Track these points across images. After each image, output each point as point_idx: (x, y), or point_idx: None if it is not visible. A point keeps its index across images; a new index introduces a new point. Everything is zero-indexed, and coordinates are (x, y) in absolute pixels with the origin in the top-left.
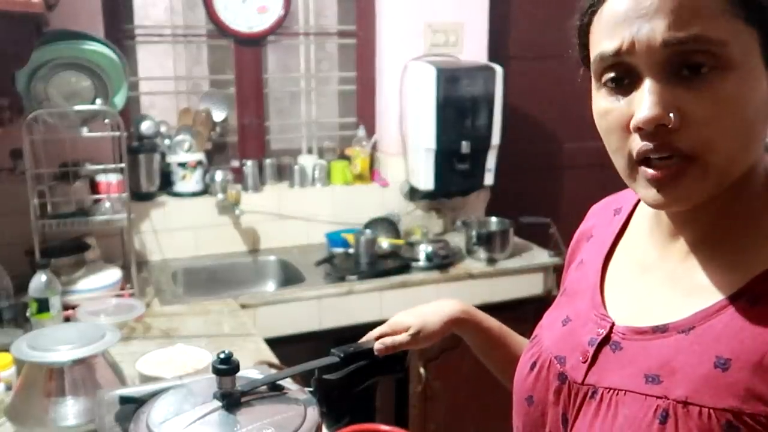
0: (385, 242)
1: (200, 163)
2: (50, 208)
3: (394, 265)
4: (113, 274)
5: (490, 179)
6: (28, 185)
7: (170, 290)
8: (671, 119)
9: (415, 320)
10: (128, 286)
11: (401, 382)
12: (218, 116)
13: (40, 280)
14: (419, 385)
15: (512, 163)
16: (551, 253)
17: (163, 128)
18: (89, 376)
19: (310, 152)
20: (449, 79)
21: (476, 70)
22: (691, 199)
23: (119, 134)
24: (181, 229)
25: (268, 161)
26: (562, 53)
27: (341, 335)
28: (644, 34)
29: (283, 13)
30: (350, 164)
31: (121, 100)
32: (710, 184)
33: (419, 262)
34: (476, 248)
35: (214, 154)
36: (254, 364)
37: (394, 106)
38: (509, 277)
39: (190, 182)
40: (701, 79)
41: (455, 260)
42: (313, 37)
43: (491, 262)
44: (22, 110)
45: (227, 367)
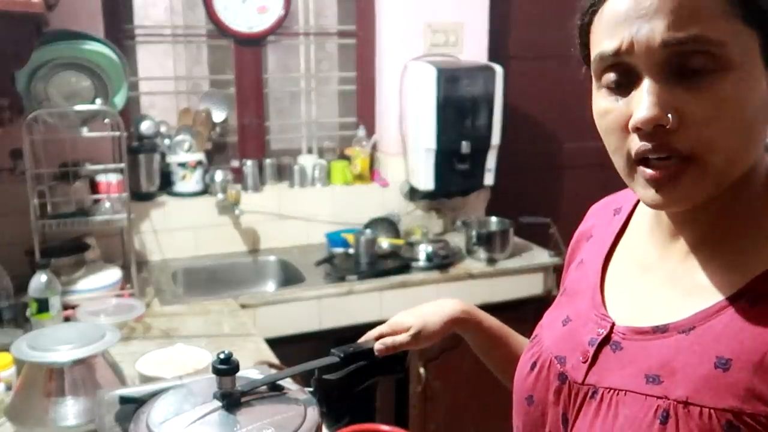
0: (385, 242)
1: (200, 163)
2: (50, 208)
3: (394, 265)
4: (113, 274)
5: (490, 179)
6: (28, 185)
7: (170, 290)
8: (669, 120)
9: (415, 320)
10: (128, 286)
11: (401, 382)
12: (218, 116)
13: (40, 280)
14: (419, 385)
15: (512, 163)
16: (551, 253)
17: (163, 128)
18: (89, 376)
19: (310, 152)
20: (449, 79)
21: (476, 70)
22: (690, 199)
23: (119, 134)
24: (181, 229)
25: (268, 161)
26: (562, 53)
27: (341, 335)
28: (644, 34)
29: (283, 13)
30: (350, 164)
31: (121, 100)
32: (709, 184)
33: (419, 262)
34: (476, 248)
35: (214, 154)
36: (254, 364)
37: (394, 106)
38: (509, 277)
39: (190, 182)
40: (700, 79)
41: (455, 260)
42: (313, 37)
43: (491, 262)
44: (22, 110)
45: (227, 367)
